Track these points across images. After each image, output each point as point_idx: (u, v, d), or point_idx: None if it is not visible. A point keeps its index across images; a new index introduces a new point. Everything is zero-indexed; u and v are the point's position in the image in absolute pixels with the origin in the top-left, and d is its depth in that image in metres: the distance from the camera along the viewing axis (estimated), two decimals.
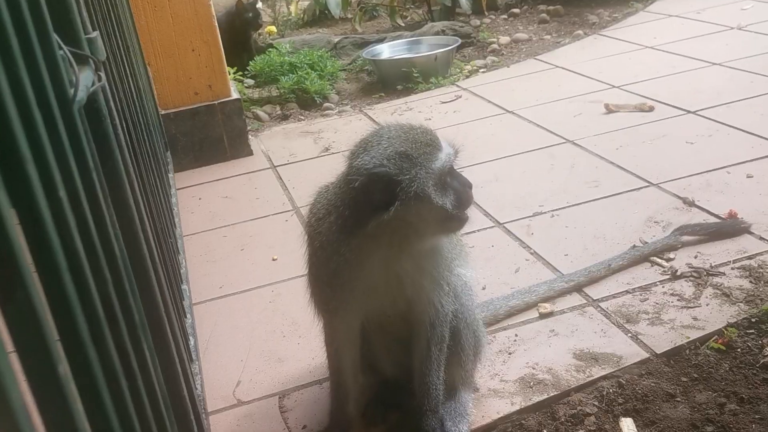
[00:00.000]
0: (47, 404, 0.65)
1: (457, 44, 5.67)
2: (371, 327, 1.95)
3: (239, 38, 6.06)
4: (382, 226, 1.67)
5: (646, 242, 2.72)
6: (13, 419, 0.52)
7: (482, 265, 2.72)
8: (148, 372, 1.18)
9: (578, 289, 2.53)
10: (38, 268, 0.75)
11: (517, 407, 2.03)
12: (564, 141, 3.88)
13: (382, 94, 5.45)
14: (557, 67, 5.28)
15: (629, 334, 2.26)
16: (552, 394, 2.06)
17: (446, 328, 1.91)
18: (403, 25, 7.12)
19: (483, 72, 5.60)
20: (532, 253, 2.83)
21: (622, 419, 1.96)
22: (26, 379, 0.66)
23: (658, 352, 2.16)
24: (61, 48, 1.10)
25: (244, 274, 3.00)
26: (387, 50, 5.95)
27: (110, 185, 1.26)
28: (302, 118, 5.15)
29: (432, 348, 1.89)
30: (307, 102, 5.39)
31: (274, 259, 3.08)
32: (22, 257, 0.64)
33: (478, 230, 3.05)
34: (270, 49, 6.02)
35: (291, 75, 5.50)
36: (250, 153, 4.38)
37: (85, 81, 1.21)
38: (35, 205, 0.73)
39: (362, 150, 1.72)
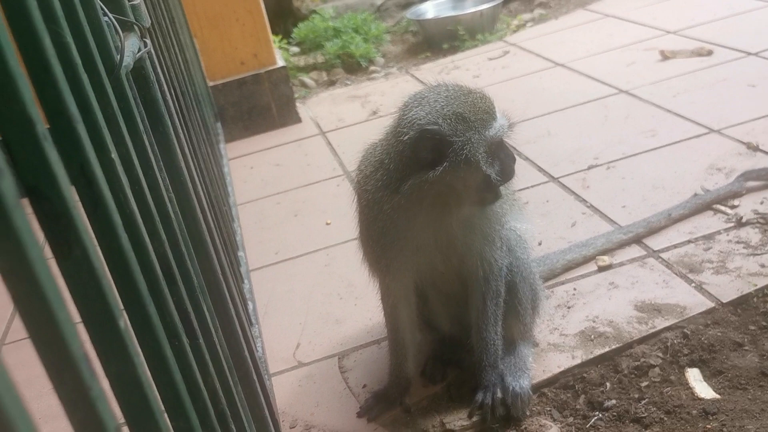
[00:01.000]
0: (110, 357, 0.67)
1: None
2: (425, 284, 1.95)
3: (283, 4, 6.06)
4: (424, 185, 1.65)
5: (708, 190, 2.63)
6: (75, 369, 0.53)
7: (538, 221, 2.68)
8: (208, 332, 1.19)
9: (637, 240, 2.47)
10: (94, 226, 0.75)
11: (578, 361, 2.01)
12: (618, 91, 3.76)
13: (428, 54, 5.37)
14: (608, 16, 5.11)
15: (693, 284, 2.20)
16: (614, 347, 2.03)
17: (501, 283, 1.89)
18: None
19: (530, 26, 5.46)
20: (588, 207, 2.77)
21: (688, 370, 1.92)
22: (88, 334, 0.67)
23: (724, 301, 2.09)
24: (105, 14, 1.10)
25: (298, 240, 3.02)
26: (432, 9, 5.85)
27: (161, 150, 1.28)
28: (349, 82, 5.13)
29: (488, 303, 1.87)
30: (353, 66, 5.36)
31: (327, 224, 3.09)
32: (77, 215, 0.64)
33: (533, 186, 3.00)
34: (313, 15, 5.99)
35: (335, 40, 5.47)
36: (299, 120, 4.38)
37: (130, 47, 1.22)
38: (87, 164, 0.74)
39: (416, 104, 1.69)
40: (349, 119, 4.27)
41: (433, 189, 1.66)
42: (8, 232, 0.49)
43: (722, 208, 2.52)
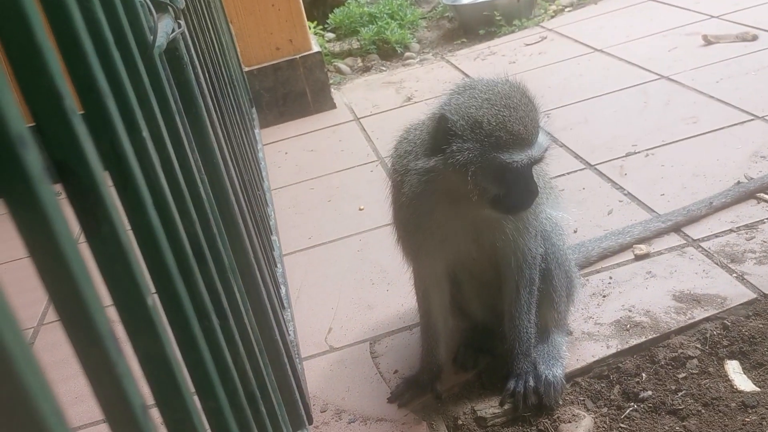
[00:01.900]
0: (138, 335, 0.66)
1: None
2: (458, 270, 1.93)
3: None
4: (427, 173, 1.64)
5: (752, 178, 2.55)
6: (100, 345, 0.53)
7: (573, 208, 2.63)
8: (239, 314, 1.19)
9: (676, 229, 2.41)
10: (124, 203, 0.75)
11: (613, 350, 1.97)
12: (658, 77, 3.67)
13: (464, 40, 5.31)
14: (649, 0, 4.99)
15: (734, 274, 2.14)
16: (650, 337, 1.98)
17: (535, 271, 1.86)
18: None
19: (569, 11, 5.36)
20: (625, 194, 2.71)
21: (728, 362, 1.87)
22: (117, 311, 0.67)
23: (767, 292, 2.03)
24: None
25: (331, 225, 3.02)
26: None
27: (194, 131, 1.27)
28: (384, 68, 5.10)
29: (521, 291, 1.84)
30: (388, 52, 5.33)
31: (360, 209, 3.08)
32: (105, 190, 0.64)
33: (568, 173, 2.95)
34: (349, 1, 5.96)
35: (371, 26, 5.44)
36: (333, 106, 4.37)
37: (164, 27, 1.22)
38: (117, 141, 0.73)
39: (459, 91, 1.67)
40: (384, 105, 4.25)
41: (436, 179, 1.64)
42: (34, 204, 0.48)
43: (766, 196, 2.45)
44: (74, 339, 0.54)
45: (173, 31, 1.30)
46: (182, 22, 1.39)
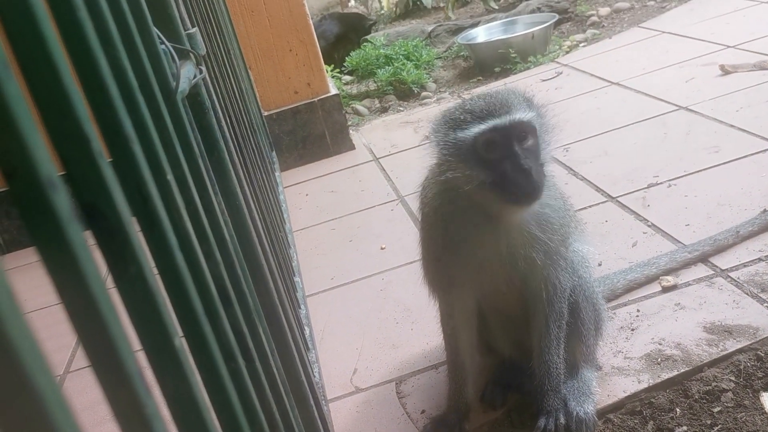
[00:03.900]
0: (165, 377, 0.66)
1: (554, 20, 5.50)
2: (486, 307, 1.91)
3: (344, 41, 6.28)
4: (438, 185, 1.70)
5: None
6: (129, 386, 0.52)
7: (597, 241, 2.60)
8: (265, 355, 1.19)
9: (704, 259, 2.38)
10: (150, 245, 0.76)
11: (644, 385, 1.93)
12: (677, 108, 3.67)
13: (480, 78, 5.36)
14: (664, 32, 5.02)
15: (765, 304, 2.10)
16: (683, 371, 1.94)
17: (565, 305, 1.83)
18: (496, 7, 6.98)
19: (583, 46, 5.40)
20: (649, 226, 2.69)
21: (763, 394, 1.82)
22: (144, 352, 0.67)
23: None
24: (162, 42, 1.13)
25: (353, 265, 3.02)
26: (482, 34, 5.85)
27: (216, 174, 1.29)
28: (401, 108, 5.15)
29: (550, 325, 1.82)
30: (405, 93, 5.38)
31: (382, 248, 3.08)
32: (133, 231, 0.65)
33: (590, 206, 2.93)
34: (365, 44, 6.06)
35: (387, 67, 5.52)
36: (353, 147, 4.41)
37: (186, 74, 1.24)
38: (143, 184, 0.74)
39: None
40: (402, 145, 4.28)
41: (447, 191, 1.66)
42: (63, 245, 0.49)
43: None
44: (103, 380, 0.54)
45: (195, 76, 1.32)
46: (203, 68, 1.42)
